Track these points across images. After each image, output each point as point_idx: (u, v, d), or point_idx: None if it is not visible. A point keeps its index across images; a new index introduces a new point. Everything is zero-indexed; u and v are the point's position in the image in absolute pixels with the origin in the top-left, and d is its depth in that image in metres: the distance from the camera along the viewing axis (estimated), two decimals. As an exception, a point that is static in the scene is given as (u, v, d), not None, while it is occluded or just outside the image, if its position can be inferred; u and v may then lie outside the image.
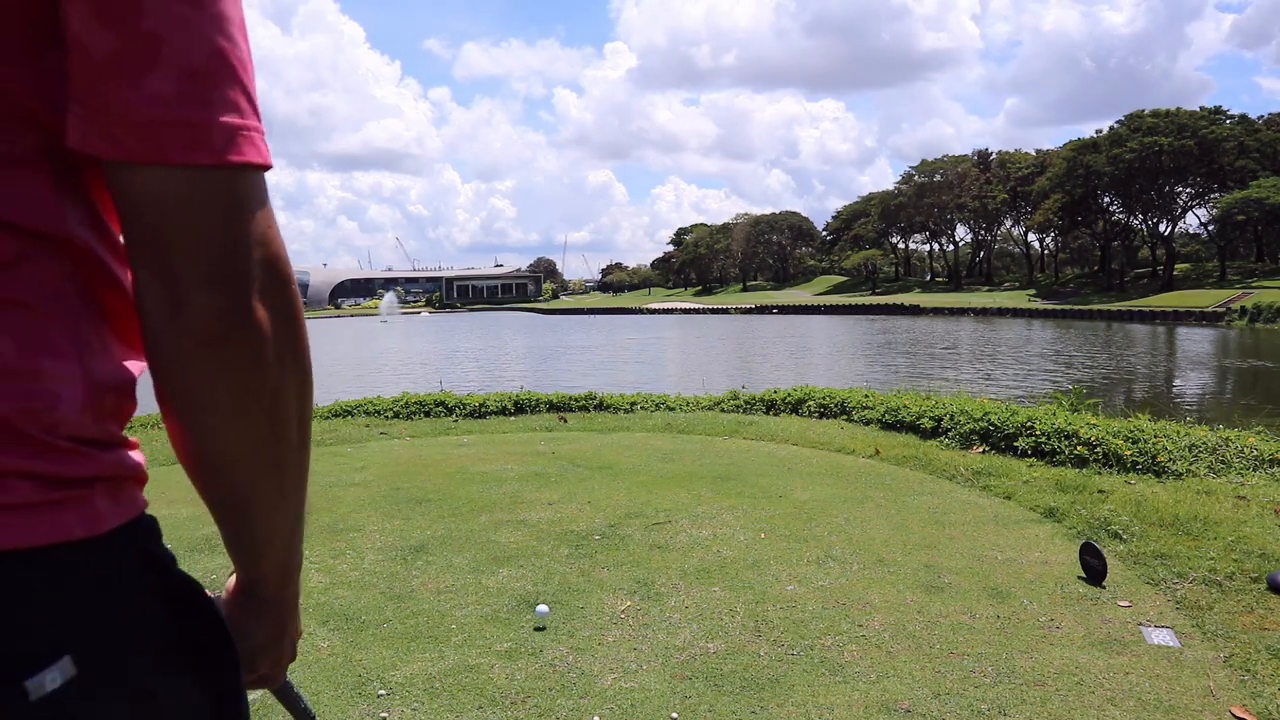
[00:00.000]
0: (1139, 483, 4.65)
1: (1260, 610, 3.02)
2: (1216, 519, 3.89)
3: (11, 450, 0.50)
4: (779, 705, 2.45)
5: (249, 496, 0.62)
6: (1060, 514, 4.22)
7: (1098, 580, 3.33)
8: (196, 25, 0.50)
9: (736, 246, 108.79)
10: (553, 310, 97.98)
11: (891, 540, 3.93)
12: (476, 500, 4.80)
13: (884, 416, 6.77)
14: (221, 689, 0.64)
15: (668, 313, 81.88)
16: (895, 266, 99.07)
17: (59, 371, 0.52)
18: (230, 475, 0.60)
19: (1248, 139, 59.89)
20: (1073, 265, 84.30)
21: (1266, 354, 28.31)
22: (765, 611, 3.12)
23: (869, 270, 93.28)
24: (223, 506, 0.63)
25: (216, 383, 0.55)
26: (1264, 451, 5.02)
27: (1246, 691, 2.48)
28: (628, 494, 4.87)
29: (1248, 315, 43.04)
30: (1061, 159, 68.67)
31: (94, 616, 0.53)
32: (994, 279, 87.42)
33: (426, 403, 8.26)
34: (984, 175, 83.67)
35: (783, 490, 4.90)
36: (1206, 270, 65.27)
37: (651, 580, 3.46)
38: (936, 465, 5.37)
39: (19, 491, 0.50)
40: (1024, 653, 2.76)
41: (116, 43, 0.48)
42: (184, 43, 0.49)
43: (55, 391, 0.52)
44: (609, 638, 2.93)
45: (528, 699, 2.51)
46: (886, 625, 2.99)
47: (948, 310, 62.85)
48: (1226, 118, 62.48)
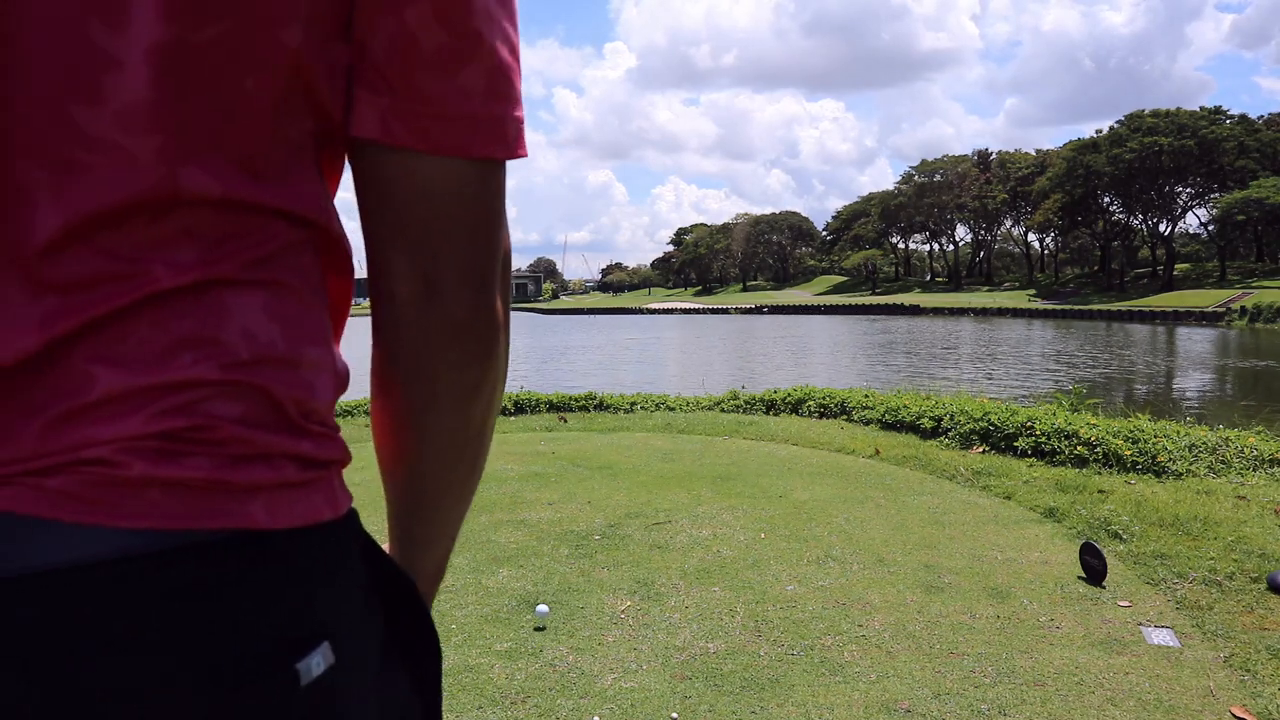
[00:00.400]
0: (1139, 483, 4.65)
1: (1260, 610, 3.02)
2: (1216, 519, 3.89)
3: (281, 432, 0.50)
4: (779, 705, 2.45)
5: (445, 488, 0.63)
6: (1060, 514, 4.22)
7: (1098, 580, 3.33)
8: (501, 22, 0.52)
9: (737, 246, 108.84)
10: (553, 310, 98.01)
11: (891, 540, 3.93)
12: (476, 500, 4.80)
13: (884, 416, 6.77)
14: (431, 695, 0.63)
15: (668, 313, 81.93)
16: (895, 266, 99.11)
17: (316, 359, 0.53)
18: (437, 464, 0.62)
19: (1248, 139, 59.94)
20: (1073, 265, 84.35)
21: (1266, 354, 28.31)
22: (765, 611, 3.12)
23: (869, 270, 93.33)
24: (415, 496, 0.64)
25: (458, 371, 0.57)
26: (1264, 451, 5.02)
27: (1246, 691, 2.49)
28: (628, 494, 4.88)
29: (1248, 315, 43.07)
30: (1061, 159, 68.73)
31: (341, 603, 0.52)
32: (994, 279, 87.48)
33: (426, 403, 8.26)
34: (984, 175, 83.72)
35: (783, 490, 4.90)
36: (1206, 270, 65.32)
37: (651, 580, 3.46)
38: (936, 465, 5.37)
39: (286, 472, 0.50)
40: (1024, 653, 2.76)
41: (447, 38, 0.50)
42: (494, 40, 0.52)
43: (313, 378, 0.52)
44: (609, 638, 2.93)
45: (528, 699, 2.51)
46: (886, 625, 2.99)
47: (948, 310, 62.89)
48: (1226, 118, 62.55)
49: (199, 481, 0.46)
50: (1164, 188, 63.11)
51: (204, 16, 0.45)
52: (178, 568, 0.45)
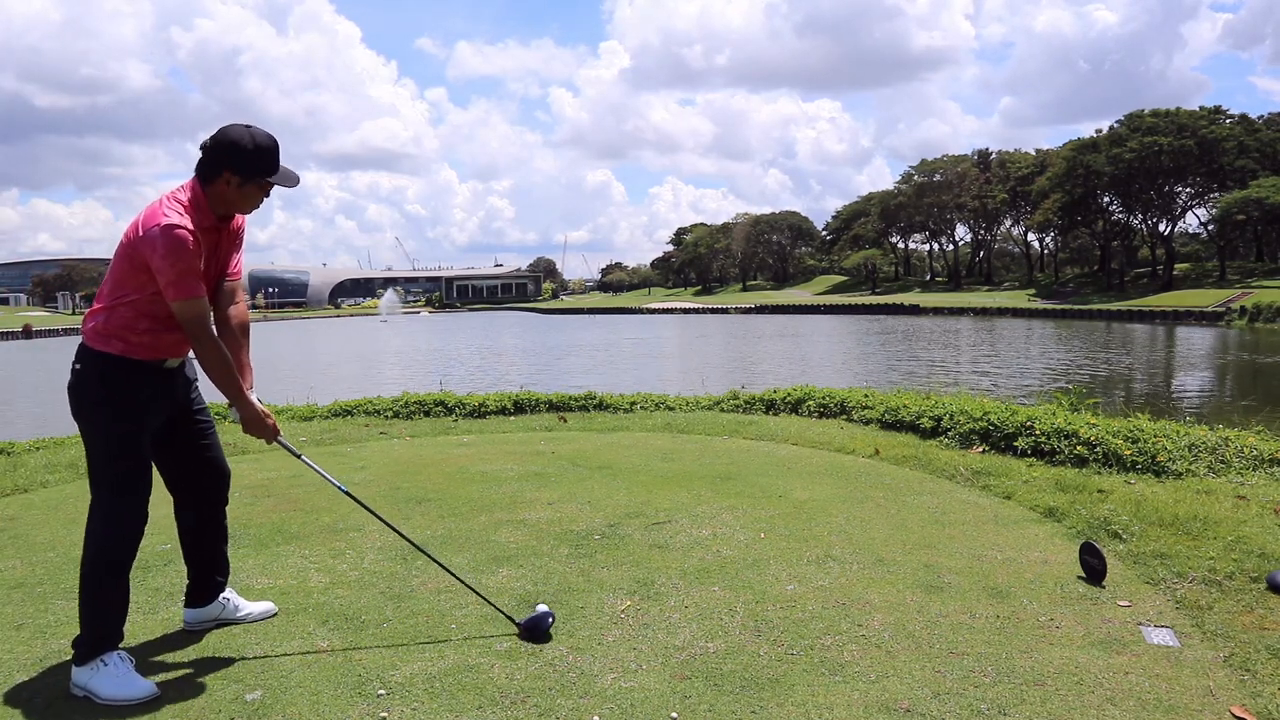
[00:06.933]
0: (1139, 482, 4.65)
1: (1260, 610, 3.02)
2: (1216, 519, 3.89)
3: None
4: (779, 705, 2.45)
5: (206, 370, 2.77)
6: (1060, 514, 4.22)
7: (1097, 580, 3.33)
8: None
9: (736, 246, 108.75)
10: (553, 310, 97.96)
11: (891, 540, 3.93)
12: (476, 500, 4.80)
13: (884, 416, 6.77)
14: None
15: (667, 312, 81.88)
16: (895, 266, 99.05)
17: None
18: (203, 364, 2.76)
19: (1247, 139, 59.88)
20: (1072, 265, 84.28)
21: (1266, 353, 28.31)
22: (765, 611, 3.13)
23: (869, 270, 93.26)
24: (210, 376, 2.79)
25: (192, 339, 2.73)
26: (1264, 451, 5.02)
27: (1246, 691, 2.49)
28: (627, 494, 4.87)
29: (1247, 315, 43.05)
30: (1061, 159, 68.66)
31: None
32: (994, 279, 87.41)
33: (426, 402, 8.25)
34: (984, 175, 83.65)
35: (782, 490, 4.90)
36: (1206, 270, 65.27)
37: (651, 580, 3.46)
38: (936, 465, 5.37)
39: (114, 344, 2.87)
40: (1024, 652, 2.76)
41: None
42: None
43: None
44: (609, 637, 2.93)
45: (527, 699, 2.51)
46: (886, 625, 2.99)
47: (947, 310, 62.87)
48: (1226, 117, 62.48)
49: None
50: (1164, 187, 63.03)
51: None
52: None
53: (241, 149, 2.67)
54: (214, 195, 2.71)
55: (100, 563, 2.66)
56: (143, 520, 2.74)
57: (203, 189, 2.70)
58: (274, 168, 2.74)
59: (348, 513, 4.56)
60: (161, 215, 2.58)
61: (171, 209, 2.61)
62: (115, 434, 2.69)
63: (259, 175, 2.72)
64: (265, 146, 2.70)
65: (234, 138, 2.67)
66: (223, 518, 3.07)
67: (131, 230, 2.63)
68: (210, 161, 2.68)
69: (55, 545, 4.08)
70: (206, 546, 3.04)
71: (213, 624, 3.07)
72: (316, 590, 3.42)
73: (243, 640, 2.96)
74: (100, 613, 2.67)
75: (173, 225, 2.56)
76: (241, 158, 2.67)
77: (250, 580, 3.53)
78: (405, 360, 33.08)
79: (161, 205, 2.63)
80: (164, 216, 2.58)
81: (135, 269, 2.62)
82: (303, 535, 4.18)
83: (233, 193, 2.72)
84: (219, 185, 2.70)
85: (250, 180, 2.72)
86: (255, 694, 2.58)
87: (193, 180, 2.72)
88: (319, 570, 3.67)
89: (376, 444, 6.79)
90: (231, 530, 3.25)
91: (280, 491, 5.09)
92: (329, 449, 6.61)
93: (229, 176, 2.69)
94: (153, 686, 2.60)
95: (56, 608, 3.29)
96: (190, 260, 2.59)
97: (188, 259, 2.58)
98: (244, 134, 2.68)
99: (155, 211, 2.61)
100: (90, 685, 2.58)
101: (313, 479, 5.42)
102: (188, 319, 2.63)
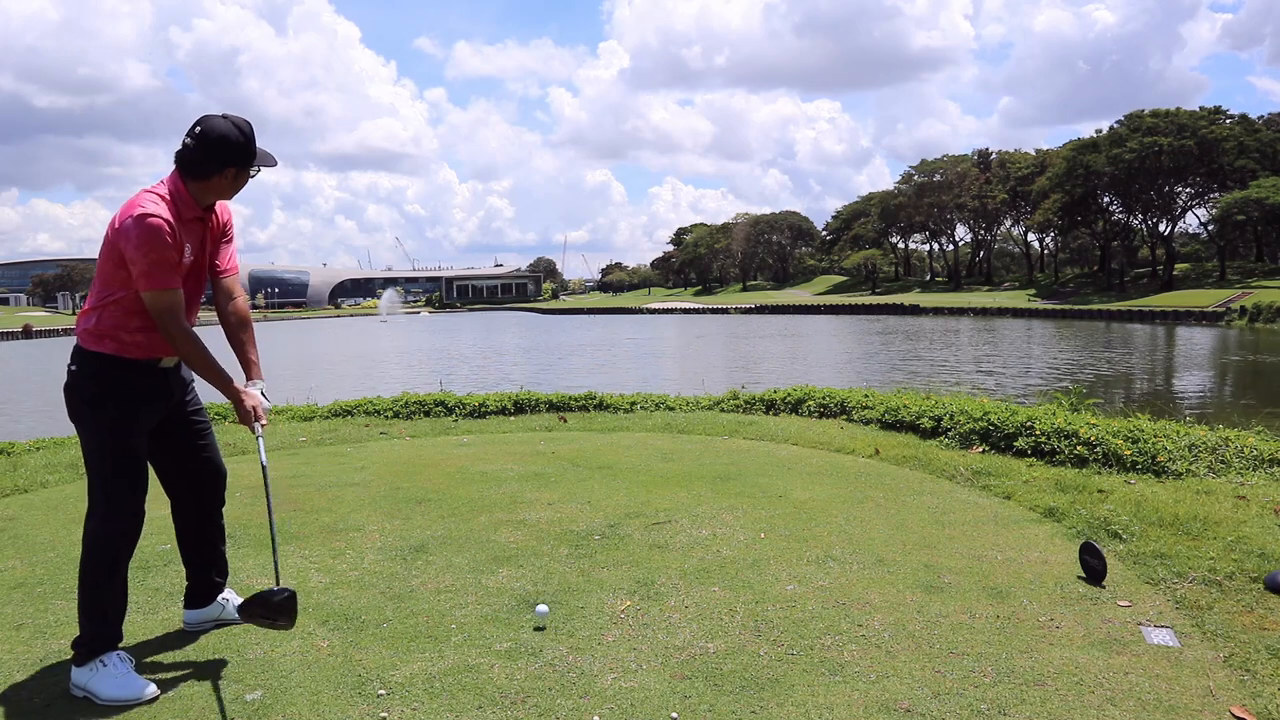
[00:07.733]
0: (1139, 482, 4.65)
1: (1260, 610, 3.02)
2: (1216, 519, 3.89)
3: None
4: (779, 705, 2.45)
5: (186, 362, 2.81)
6: (1060, 514, 4.22)
7: (1097, 580, 3.33)
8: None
9: (736, 246, 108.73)
10: (553, 310, 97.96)
11: (891, 540, 3.93)
12: (476, 500, 4.80)
13: (884, 416, 6.77)
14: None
15: (668, 312, 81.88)
16: (895, 266, 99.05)
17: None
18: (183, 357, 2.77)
19: (1247, 139, 59.87)
20: (1073, 265, 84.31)
21: (1266, 353, 28.31)
22: (765, 611, 3.12)
23: (869, 270, 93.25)
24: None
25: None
26: (1264, 451, 5.02)
27: (1246, 691, 2.49)
28: (627, 494, 4.87)
29: (1247, 315, 43.05)
30: (1061, 159, 68.63)
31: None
32: (994, 279, 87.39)
33: (426, 402, 8.25)
34: (984, 175, 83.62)
35: (782, 490, 4.90)
36: (1206, 270, 65.26)
37: (651, 580, 3.46)
38: (936, 465, 5.37)
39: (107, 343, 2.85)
40: (1024, 652, 2.76)
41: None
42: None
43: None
44: (609, 637, 2.93)
45: (527, 699, 2.51)
46: (886, 625, 2.99)
47: (947, 310, 62.87)
48: (1226, 118, 62.46)
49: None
50: (1164, 188, 63.02)
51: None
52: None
53: (235, 142, 2.69)
54: (207, 189, 2.72)
55: (98, 562, 2.67)
56: (139, 520, 2.74)
57: (186, 183, 2.70)
58: (256, 150, 2.77)
59: (347, 513, 4.57)
60: (137, 206, 2.59)
61: (148, 200, 2.61)
62: (111, 434, 2.69)
63: (253, 161, 2.76)
64: (250, 134, 2.73)
65: (223, 132, 2.68)
66: (220, 518, 3.07)
67: (111, 226, 2.64)
68: (205, 160, 2.67)
69: (55, 545, 4.08)
70: (204, 547, 3.04)
71: (212, 624, 3.08)
72: (316, 590, 3.42)
73: (243, 640, 2.96)
74: (99, 613, 2.67)
75: (146, 214, 2.56)
76: (238, 151, 2.70)
77: (250, 580, 3.53)
78: (405, 360, 33.07)
79: (138, 197, 2.64)
80: (139, 207, 2.58)
81: (118, 266, 2.62)
82: (302, 535, 4.18)
83: (228, 184, 2.75)
84: (216, 180, 2.71)
85: (246, 168, 2.76)
86: (255, 694, 2.58)
87: (172, 174, 2.72)
88: (319, 570, 3.67)
89: (376, 444, 6.79)
90: (231, 530, 3.25)
91: (280, 491, 5.08)
92: (329, 449, 6.61)
93: (228, 170, 2.71)
94: (153, 687, 2.60)
95: (56, 608, 3.29)
96: (163, 250, 2.58)
97: (161, 249, 2.57)
98: (230, 127, 2.69)
99: (131, 204, 2.62)
100: (90, 685, 2.58)
101: (313, 479, 5.42)
102: (158, 310, 2.61)
